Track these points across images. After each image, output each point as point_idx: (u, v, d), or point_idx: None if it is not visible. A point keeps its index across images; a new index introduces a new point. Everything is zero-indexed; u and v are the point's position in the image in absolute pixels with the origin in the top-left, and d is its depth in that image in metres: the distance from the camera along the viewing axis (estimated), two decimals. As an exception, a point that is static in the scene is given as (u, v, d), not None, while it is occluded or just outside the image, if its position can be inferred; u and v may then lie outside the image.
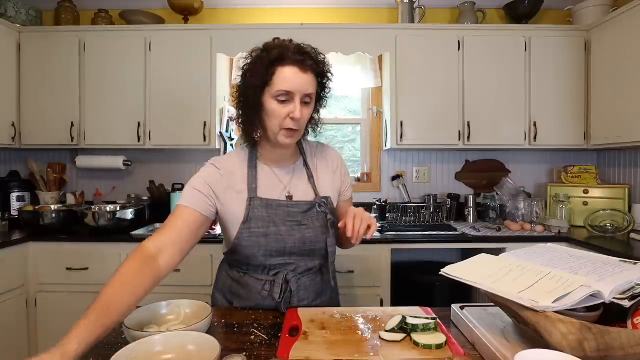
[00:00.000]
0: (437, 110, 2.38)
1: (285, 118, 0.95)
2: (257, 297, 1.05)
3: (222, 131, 2.49)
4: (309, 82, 0.95)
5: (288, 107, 0.95)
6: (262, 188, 1.03)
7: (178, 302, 0.93)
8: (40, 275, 2.09)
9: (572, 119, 2.40)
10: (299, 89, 0.94)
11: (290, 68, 0.93)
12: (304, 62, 0.94)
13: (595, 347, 0.60)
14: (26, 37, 2.39)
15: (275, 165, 1.06)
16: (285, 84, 0.93)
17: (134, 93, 2.39)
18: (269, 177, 1.05)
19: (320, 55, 1.00)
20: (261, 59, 0.95)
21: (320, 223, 1.04)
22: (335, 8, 2.73)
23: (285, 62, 0.93)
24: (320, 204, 1.04)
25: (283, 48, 0.94)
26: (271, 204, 1.01)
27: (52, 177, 2.58)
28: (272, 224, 1.00)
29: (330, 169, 1.12)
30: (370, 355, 0.76)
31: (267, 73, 0.93)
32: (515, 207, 2.43)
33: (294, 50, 0.94)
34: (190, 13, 2.59)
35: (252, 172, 1.03)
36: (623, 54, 2.11)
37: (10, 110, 2.34)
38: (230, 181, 1.02)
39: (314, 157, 1.12)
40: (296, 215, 1.02)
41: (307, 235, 1.02)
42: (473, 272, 0.82)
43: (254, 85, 0.95)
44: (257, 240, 0.99)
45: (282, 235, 1.00)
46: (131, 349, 0.70)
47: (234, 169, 1.03)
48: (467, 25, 2.49)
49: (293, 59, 0.93)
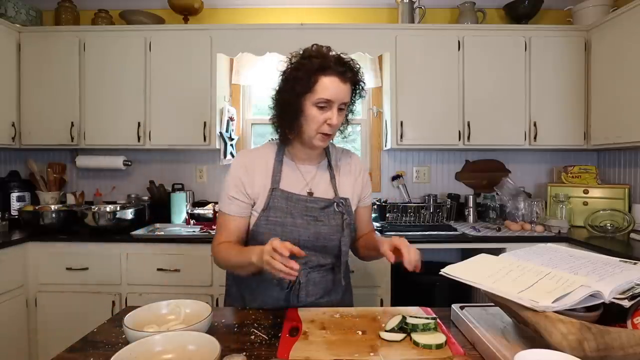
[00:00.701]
0: (437, 110, 2.38)
1: (323, 124, 1.01)
2: (266, 288, 1.08)
3: (222, 131, 2.49)
4: (347, 92, 1.01)
5: (326, 114, 1.01)
6: (285, 181, 1.09)
7: (178, 302, 0.93)
8: (40, 275, 2.09)
9: (572, 119, 2.40)
10: (338, 98, 1.00)
11: (331, 78, 0.98)
12: (345, 73, 1.00)
13: (595, 347, 0.61)
14: (26, 37, 2.39)
15: (300, 162, 1.12)
16: (327, 92, 0.99)
17: (134, 93, 2.39)
18: (293, 173, 1.11)
19: (356, 65, 1.05)
20: (303, 66, 1.00)
21: (336, 222, 1.08)
22: (335, 8, 2.73)
23: (327, 72, 0.98)
24: (338, 203, 1.09)
25: (324, 57, 1.00)
26: (291, 197, 1.07)
27: (52, 177, 2.58)
28: (290, 215, 1.05)
29: (353, 175, 1.17)
30: (370, 355, 0.76)
31: (309, 81, 0.99)
32: (515, 207, 2.43)
33: (335, 61, 1.00)
34: (190, 13, 2.59)
35: (278, 165, 1.10)
36: (623, 54, 2.11)
37: (10, 110, 2.34)
38: (256, 173, 1.09)
39: (338, 161, 1.18)
40: (314, 210, 1.07)
41: (321, 231, 1.06)
42: (473, 272, 0.82)
43: (296, 91, 1.00)
44: (273, 228, 1.05)
45: (297, 227, 1.05)
46: (131, 349, 0.70)
47: (260, 161, 1.10)
48: (467, 25, 2.49)
49: (335, 69, 0.98)
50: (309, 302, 1.08)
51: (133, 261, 2.08)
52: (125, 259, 2.08)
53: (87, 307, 2.07)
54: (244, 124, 2.84)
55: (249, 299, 1.13)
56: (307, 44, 1.07)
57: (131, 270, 2.08)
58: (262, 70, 2.67)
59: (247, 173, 1.08)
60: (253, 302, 1.11)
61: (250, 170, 1.09)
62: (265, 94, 2.93)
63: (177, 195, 2.49)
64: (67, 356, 0.79)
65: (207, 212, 2.33)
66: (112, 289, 2.09)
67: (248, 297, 1.13)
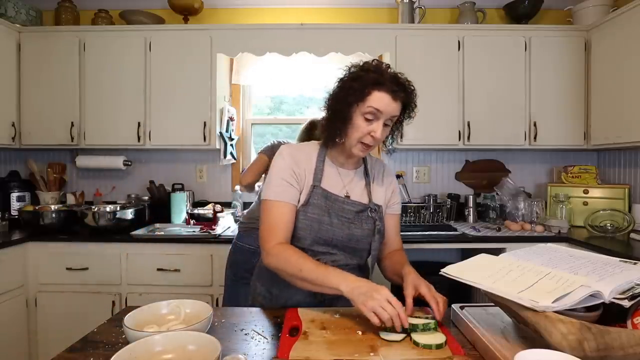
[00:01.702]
0: (437, 110, 2.38)
1: (367, 134, 1.04)
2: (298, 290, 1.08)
3: (222, 131, 2.49)
4: (395, 109, 1.04)
5: (371, 126, 1.03)
6: (326, 181, 1.12)
7: (178, 302, 0.92)
8: (40, 275, 2.09)
9: (572, 119, 2.40)
10: (386, 112, 1.02)
11: (383, 94, 1.01)
12: (397, 92, 1.02)
13: (595, 347, 0.61)
14: (26, 37, 2.39)
15: (340, 165, 1.16)
16: (376, 104, 1.01)
17: (134, 93, 2.39)
18: (333, 174, 1.15)
19: (411, 86, 1.09)
20: (360, 78, 1.03)
21: (368, 226, 1.11)
22: (335, 8, 2.73)
23: (380, 87, 1.01)
24: (372, 209, 1.12)
25: (381, 73, 1.03)
26: (330, 196, 1.10)
27: (52, 177, 2.58)
28: (327, 214, 1.09)
29: (384, 184, 1.21)
30: (370, 355, 0.76)
31: (362, 92, 1.02)
32: (515, 207, 2.43)
33: (390, 79, 1.02)
34: (190, 13, 2.59)
35: (320, 165, 1.13)
36: (623, 54, 2.11)
37: (10, 110, 2.34)
38: (301, 167, 1.12)
39: (373, 169, 1.21)
40: (349, 213, 1.10)
41: (354, 234, 1.10)
42: (473, 272, 0.82)
43: (349, 100, 1.04)
44: (310, 224, 1.08)
45: (333, 227, 1.08)
46: (131, 349, 0.69)
47: (305, 157, 1.14)
48: (467, 25, 2.49)
49: (389, 87, 1.01)
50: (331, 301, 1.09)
51: (133, 261, 2.08)
52: (125, 259, 2.09)
53: (87, 307, 2.07)
54: (244, 124, 2.84)
55: (276, 294, 1.15)
56: (307, 44, 1.08)
57: (131, 270, 2.08)
58: (262, 70, 2.67)
59: (296, 164, 1.11)
60: (280, 299, 1.14)
61: (297, 160, 1.12)
62: (265, 94, 2.93)
63: (177, 195, 2.49)
64: (67, 356, 0.79)
65: (207, 212, 2.33)
66: (112, 289, 2.09)
67: (275, 292, 1.15)
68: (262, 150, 1.98)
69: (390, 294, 0.86)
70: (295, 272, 0.97)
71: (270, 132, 2.94)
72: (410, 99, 1.08)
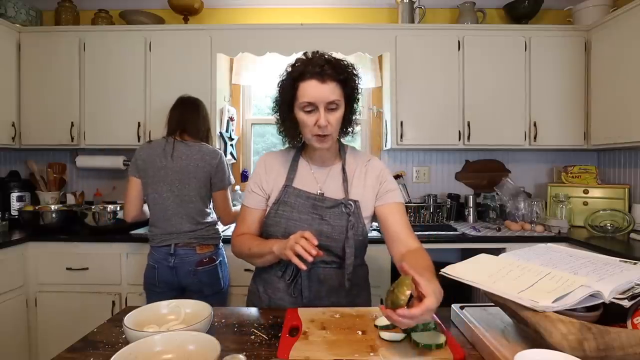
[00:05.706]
0: (437, 110, 2.38)
1: (314, 126, 1.04)
2: (274, 280, 1.15)
3: (222, 131, 2.49)
4: (330, 91, 1.02)
5: (315, 116, 1.03)
6: (299, 180, 1.16)
7: (178, 302, 0.93)
8: (40, 275, 2.09)
9: (572, 119, 2.40)
10: (321, 98, 1.01)
11: (309, 82, 1.01)
12: (322, 73, 1.00)
13: (595, 347, 0.61)
14: (26, 37, 2.39)
15: (314, 164, 1.19)
16: (306, 96, 1.02)
17: (134, 93, 2.39)
18: (307, 173, 1.18)
19: (342, 61, 1.06)
20: (288, 76, 1.06)
21: (341, 222, 1.10)
22: (335, 8, 2.73)
23: (304, 77, 1.02)
24: (345, 205, 1.11)
25: (306, 63, 1.02)
26: (302, 194, 1.13)
27: (52, 177, 2.58)
28: (297, 211, 1.11)
29: (367, 177, 1.18)
30: (370, 355, 0.76)
31: (292, 88, 1.04)
32: (515, 207, 2.43)
33: (315, 63, 1.01)
34: (190, 13, 2.59)
35: (294, 165, 1.18)
36: (623, 54, 2.11)
37: (10, 110, 2.34)
38: (274, 171, 1.19)
39: (354, 165, 1.19)
40: (321, 209, 1.11)
41: (323, 229, 1.09)
42: (473, 272, 0.82)
43: (284, 100, 1.07)
44: (279, 221, 1.11)
45: (301, 222, 1.10)
46: (131, 349, 0.70)
47: (279, 161, 1.20)
48: (467, 25, 2.49)
49: (312, 72, 1.00)
50: (312, 299, 1.10)
51: (133, 261, 2.08)
52: (125, 259, 2.09)
53: (87, 307, 2.07)
54: (244, 124, 2.84)
55: (270, 292, 1.16)
56: (307, 44, 1.08)
57: (131, 270, 2.08)
58: (262, 71, 2.67)
59: (266, 171, 1.19)
60: (273, 296, 1.16)
61: (269, 168, 1.19)
62: (265, 93, 2.93)
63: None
64: (67, 356, 0.79)
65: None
66: (112, 289, 2.09)
67: (269, 291, 1.16)
68: (129, 171, 1.79)
69: (308, 233, 0.92)
70: (246, 251, 1.11)
71: (270, 132, 2.94)
72: (345, 74, 1.04)
